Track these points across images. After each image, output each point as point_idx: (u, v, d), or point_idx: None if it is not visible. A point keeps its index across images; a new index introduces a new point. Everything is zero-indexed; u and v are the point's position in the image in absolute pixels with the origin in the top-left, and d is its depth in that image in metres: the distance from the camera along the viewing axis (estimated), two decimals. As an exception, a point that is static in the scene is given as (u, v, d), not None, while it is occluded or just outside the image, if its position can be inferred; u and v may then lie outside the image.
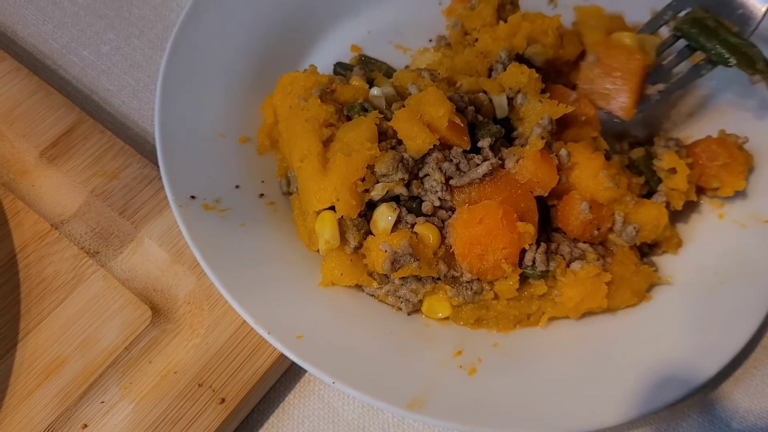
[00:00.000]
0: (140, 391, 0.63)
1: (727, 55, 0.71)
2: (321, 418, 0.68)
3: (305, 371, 0.70)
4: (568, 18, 0.81)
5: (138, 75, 0.84)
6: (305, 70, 0.76)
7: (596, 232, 0.70)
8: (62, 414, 0.62)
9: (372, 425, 0.68)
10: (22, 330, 0.64)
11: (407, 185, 0.67)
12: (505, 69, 0.73)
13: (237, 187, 0.71)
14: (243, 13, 0.80)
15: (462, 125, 0.68)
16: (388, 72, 0.81)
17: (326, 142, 0.69)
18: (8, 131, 0.74)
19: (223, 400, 0.63)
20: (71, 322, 0.65)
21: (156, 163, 0.73)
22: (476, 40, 0.79)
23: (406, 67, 0.83)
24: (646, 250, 0.74)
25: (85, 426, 0.61)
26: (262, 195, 0.72)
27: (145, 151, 0.77)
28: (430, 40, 0.86)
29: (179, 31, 0.76)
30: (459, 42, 0.82)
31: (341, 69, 0.81)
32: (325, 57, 0.83)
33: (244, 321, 0.66)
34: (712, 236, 0.74)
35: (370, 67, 0.81)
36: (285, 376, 0.69)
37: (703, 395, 0.70)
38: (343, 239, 0.67)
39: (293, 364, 0.69)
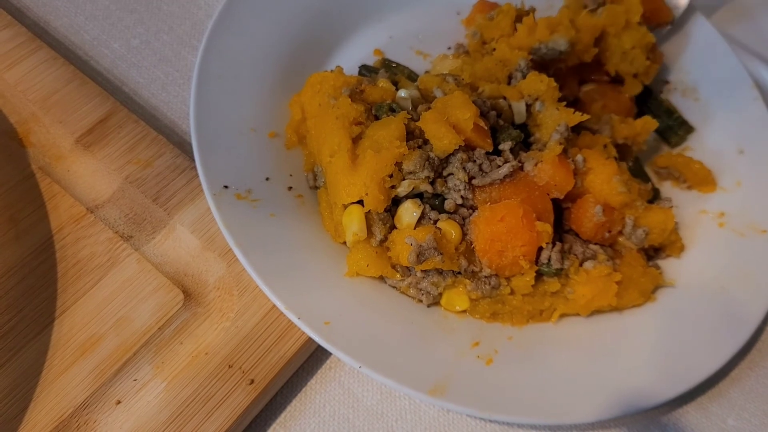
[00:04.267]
0: (172, 370, 0.65)
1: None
2: (341, 403, 0.71)
3: (326, 358, 0.73)
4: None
5: (167, 69, 0.87)
6: (332, 70, 0.79)
7: (607, 234, 0.74)
8: (97, 390, 0.64)
9: (390, 410, 0.71)
10: (58, 308, 0.66)
11: (432, 183, 0.71)
12: (524, 77, 0.77)
13: (267, 179, 0.74)
14: (273, 14, 0.84)
15: (485, 128, 0.72)
16: (411, 76, 0.84)
17: (355, 140, 0.72)
18: (45, 117, 0.76)
19: (252, 381, 0.65)
20: (106, 302, 0.67)
21: (187, 153, 0.77)
22: (494, 49, 0.83)
23: (426, 72, 0.87)
24: (651, 253, 0.78)
25: (119, 402, 0.64)
26: (290, 188, 0.75)
27: (174, 141, 0.80)
28: (449, 48, 0.90)
29: (213, 30, 0.79)
30: (477, 50, 0.86)
31: (366, 71, 0.84)
32: (349, 59, 0.86)
33: (273, 307, 0.69)
34: (713, 243, 0.78)
35: (393, 71, 0.84)
36: (307, 362, 0.72)
37: (701, 393, 0.74)
38: (369, 232, 0.70)
39: (316, 350, 0.72)
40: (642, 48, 0.81)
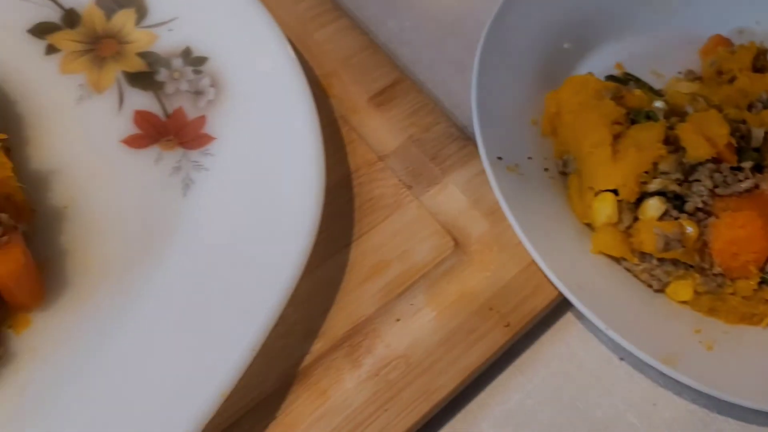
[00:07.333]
0: (441, 302, 0.77)
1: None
2: (566, 361, 0.81)
3: (556, 320, 0.83)
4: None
5: (431, 52, 0.99)
6: (584, 75, 0.90)
7: (829, 257, 0.82)
8: (382, 306, 0.75)
9: (606, 376, 0.81)
10: (355, 233, 0.79)
11: (679, 185, 0.81)
12: (765, 107, 0.87)
13: (529, 158, 0.85)
14: (538, 20, 0.95)
15: (734, 145, 0.81)
16: (652, 91, 0.94)
17: (614, 137, 0.82)
18: (344, 75, 0.89)
19: (507, 324, 0.76)
20: (392, 236, 0.79)
21: (458, 125, 0.89)
22: (732, 78, 0.93)
23: (660, 90, 0.97)
24: None
25: (398, 320, 0.75)
26: (546, 169, 0.86)
27: (443, 114, 0.92)
28: (679, 72, 1.00)
29: (490, 28, 0.91)
30: (712, 78, 0.96)
31: (613, 80, 0.95)
32: (593, 67, 0.97)
33: (528, 265, 0.79)
34: None
35: (637, 84, 0.95)
36: (540, 322, 0.82)
37: None
38: (618, 218, 0.81)
39: (548, 313, 0.83)
40: None
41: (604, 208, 0.81)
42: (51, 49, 0.82)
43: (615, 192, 0.81)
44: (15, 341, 0.67)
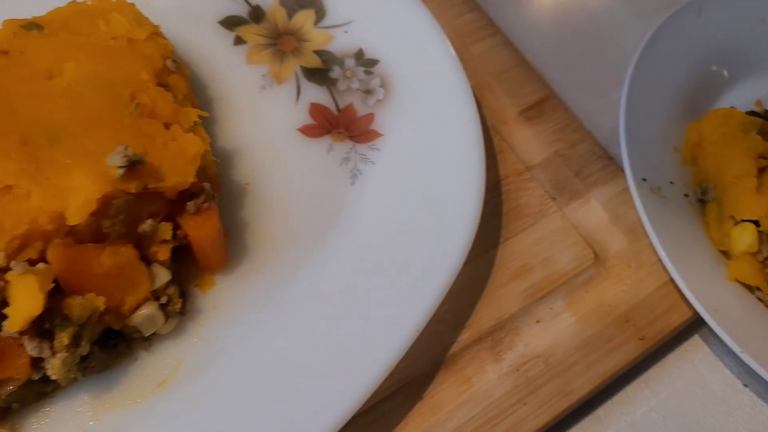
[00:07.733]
0: (579, 310, 0.81)
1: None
2: (691, 380, 0.84)
3: (685, 340, 0.86)
4: None
5: (573, 75, 1.03)
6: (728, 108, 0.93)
7: None
8: (523, 307, 0.80)
9: (731, 399, 0.83)
10: (502, 236, 0.84)
11: (821, 223, 0.83)
12: None
13: (671, 183, 0.89)
14: (684, 54, 0.99)
15: None
16: (792, 130, 0.97)
17: (759, 170, 0.85)
18: (497, 88, 0.94)
19: (643, 338, 0.79)
20: (537, 243, 0.84)
21: (601, 146, 0.93)
22: None
23: (797, 130, 0.99)
24: None
25: (538, 321, 0.79)
26: (686, 195, 0.90)
27: (585, 134, 0.96)
28: (816, 115, 1.02)
29: (641, 57, 0.95)
30: None
31: (754, 115, 0.98)
32: (732, 102, 1.00)
33: (664, 283, 0.83)
34: None
35: (777, 122, 0.97)
36: (670, 340, 0.85)
37: None
38: (757, 248, 0.84)
39: (679, 332, 0.86)
40: None
41: (745, 237, 0.83)
42: (238, 41, 0.90)
43: (756, 223, 0.84)
44: (200, 299, 0.74)
